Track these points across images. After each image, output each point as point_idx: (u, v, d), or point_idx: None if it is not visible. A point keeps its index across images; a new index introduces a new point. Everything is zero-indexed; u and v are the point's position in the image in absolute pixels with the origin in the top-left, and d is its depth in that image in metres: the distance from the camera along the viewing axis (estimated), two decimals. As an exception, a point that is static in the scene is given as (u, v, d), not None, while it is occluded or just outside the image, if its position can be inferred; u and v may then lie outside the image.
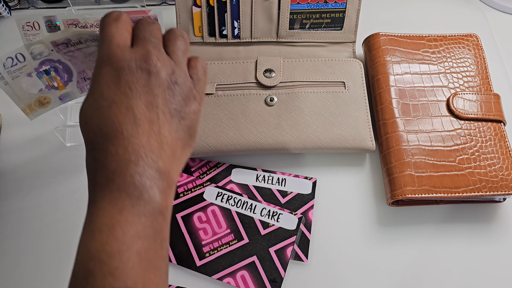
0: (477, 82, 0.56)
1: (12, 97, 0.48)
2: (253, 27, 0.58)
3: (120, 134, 0.29)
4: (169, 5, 0.67)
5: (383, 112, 0.54)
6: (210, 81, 0.55)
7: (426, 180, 0.50)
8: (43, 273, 0.49)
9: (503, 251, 0.51)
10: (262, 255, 0.49)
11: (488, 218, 0.53)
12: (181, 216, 0.51)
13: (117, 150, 0.29)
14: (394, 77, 0.56)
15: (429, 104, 0.54)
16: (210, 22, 0.58)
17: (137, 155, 0.29)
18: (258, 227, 0.50)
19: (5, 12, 0.64)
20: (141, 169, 0.29)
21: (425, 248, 0.51)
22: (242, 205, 0.52)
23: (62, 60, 0.48)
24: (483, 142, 0.52)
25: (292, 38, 0.59)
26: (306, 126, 0.53)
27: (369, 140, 0.54)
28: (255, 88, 0.55)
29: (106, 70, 0.32)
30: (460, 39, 0.59)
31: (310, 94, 0.55)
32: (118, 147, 0.29)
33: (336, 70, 0.56)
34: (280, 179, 0.54)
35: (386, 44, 0.58)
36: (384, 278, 0.49)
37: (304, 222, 0.51)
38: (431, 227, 0.52)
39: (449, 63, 0.57)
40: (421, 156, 0.51)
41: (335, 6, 0.58)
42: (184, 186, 0.53)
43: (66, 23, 0.54)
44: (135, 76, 0.31)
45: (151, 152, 0.30)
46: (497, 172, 0.50)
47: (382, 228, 0.52)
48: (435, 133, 0.53)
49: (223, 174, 0.54)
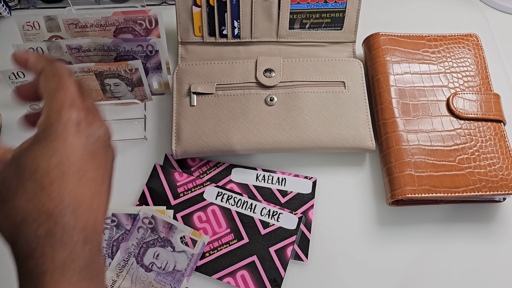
0: (477, 82, 0.56)
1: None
2: (253, 27, 0.58)
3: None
4: (169, 5, 0.67)
5: (383, 112, 0.54)
6: (210, 81, 0.55)
7: (426, 180, 0.50)
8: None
9: (503, 251, 0.51)
10: (262, 255, 0.49)
11: (488, 218, 0.53)
12: (181, 216, 0.51)
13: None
14: (394, 77, 0.56)
15: (429, 104, 0.54)
16: (210, 22, 0.58)
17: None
18: (258, 226, 0.50)
19: (5, 12, 0.64)
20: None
21: (425, 248, 0.51)
22: (242, 204, 0.52)
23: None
24: (483, 142, 0.52)
25: (292, 38, 0.59)
26: (306, 126, 0.53)
27: (369, 140, 0.54)
28: (255, 88, 0.55)
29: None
30: (460, 39, 0.59)
31: (310, 94, 0.55)
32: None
33: (336, 70, 0.56)
34: (280, 178, 0.54)
35: (386, 44, 0.58)
36: (384, 277, 0.49)
37: (304, 222, 0.51)
38: (431, 227, 0.52)
39: (449, 63, 0.57)
40: (421, 156, 0.51)
41: (335, 6, 0.58)
42: (184, 186, 0.53)
43: (66, 23, 0.54)
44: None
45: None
46: (497, 172, 0.50)
47: (382, 228, 0.52)
48: (435, 133, 0.53)
49: (223, 173, 0.54)
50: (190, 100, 0.54)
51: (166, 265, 0.47)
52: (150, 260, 0.47)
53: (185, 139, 0.53)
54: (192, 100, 0.54)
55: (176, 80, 0.56)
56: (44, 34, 0.55)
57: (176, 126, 0.54)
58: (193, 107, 0.54)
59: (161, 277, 0.47)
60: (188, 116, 0.54)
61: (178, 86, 0.55)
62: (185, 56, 0.60)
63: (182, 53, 0.60)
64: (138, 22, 0.55)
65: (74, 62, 0.55)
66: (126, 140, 0.56)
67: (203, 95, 0.54)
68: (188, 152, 0.53)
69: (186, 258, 0.48)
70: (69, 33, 0.55)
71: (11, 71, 0.50)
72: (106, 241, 0.49)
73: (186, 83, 0.55)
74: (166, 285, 0.47)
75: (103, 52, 0.54)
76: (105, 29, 0.55)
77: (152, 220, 0.49)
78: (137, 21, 0.55)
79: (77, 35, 0.55)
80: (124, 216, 0.50)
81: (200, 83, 0.55)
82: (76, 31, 0.55)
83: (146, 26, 0.55)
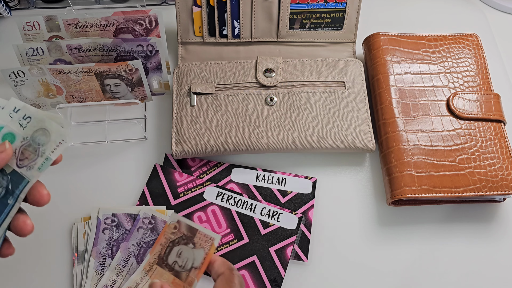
0: (477, 82, 0.56)
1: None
2: (253, 27, 0.58)
3: None
4: (169, 5, 0.67)
5: (383, 111, 0.54)
6: (210, 81, 0.55)
7: (426, 180, 0.50)
8: (44, 273, 0.49)
9: (503, 251, 0.51)
10: (262, 255, 0.49)
11: (488, 218, 0.53)
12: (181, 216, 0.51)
13: None
14: (394, 77, 0.56)
15: (429, 104, 0.54)
16: (210, 22, 0.58)
17: None
18: (258, 226, 0.50)
19: (5, 12, 0.64)
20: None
21: (425, 248, 0.51)
22: (242, 204, 0.52)
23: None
24: (483, 142, 0.52)
25: (292, 38, 0.59)
26: (306, 125, 0.53)
27: (369, 140, 0.54)
28: (255, 88, 0.55)
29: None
30: (460, 39, 0.59)
31: (310, 94, 0.55)
32: None
33: (336, 70, 0.56)
34: (280, 178, 0.54)
35: (386, 44, 0.58)
36: (384, 277, 0.49)
37: (304, 222, 0.51)
38: (431, 227, 0.52)
39: (449, 63, 0.57)
40: (421, 156, 0.51)
41: (335, 6, 0.58)
42: (184, 186, 0.53)
43: (66, 23, 0.54)
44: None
45: None
46: (497, 172, 0.50)
47: (382, 228, 0.52)
48: (435, 133, 0.53)
49: (223, 173, 0.54)
50: (190, 100, 0.54)
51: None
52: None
53: (185, 139, 0.53)
54: (192, 100, 0.54)
55: (176, 80, 0.56)
56: (44, 34, 0.55)
57: (176, 126, 0.54)
58: (193, 107, 0.54)
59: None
60: (188, 116, 0.54)
61: (178, 86, 0.55)
62: (185, 56, 0.60)
63: (182, 53, 0.60)
64: (138, 22, 0.55)
65: (74, 62, 0.55)
66: (126, 140, 0.56)
67: (203, 95, 0.54)
68: (188, 152, 0.53)
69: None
70: (69, 33, 0.55)
71: (11, 70, 0.50)
72: (106, 241, 0.49)
73: (186, 83, 0.55)
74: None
75: (103, 52, 0.54)
76: (105, 29, 0.55)
77: (152, 220, 0.49)
78: (137, 21, 0.55)
79: (77, 35, 0.55)
80: (124, 216, 0.50)
81: (200, 83, 0.55)
82: (76, 31, 0.55)
83: (146, 26, 0.55)
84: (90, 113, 0.58)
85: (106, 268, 0.48)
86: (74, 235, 0.49)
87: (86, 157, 0.55)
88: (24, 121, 0.35)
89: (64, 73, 0.51)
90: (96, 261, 0.48)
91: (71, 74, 0.52)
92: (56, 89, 0.54)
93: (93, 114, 0.58)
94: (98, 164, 0.55)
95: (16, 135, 0.35)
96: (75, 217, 0.50)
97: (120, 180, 0.54)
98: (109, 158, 0.55)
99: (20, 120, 0.35)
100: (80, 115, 0.58)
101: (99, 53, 0.54)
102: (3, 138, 0.35)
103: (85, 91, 0.54)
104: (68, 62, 0.54)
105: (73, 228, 0.50)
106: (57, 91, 0.54)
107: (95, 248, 0.48)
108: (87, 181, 0.54)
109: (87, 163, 0.55)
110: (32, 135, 0.35)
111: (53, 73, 0.51)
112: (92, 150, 0.56)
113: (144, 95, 0.56)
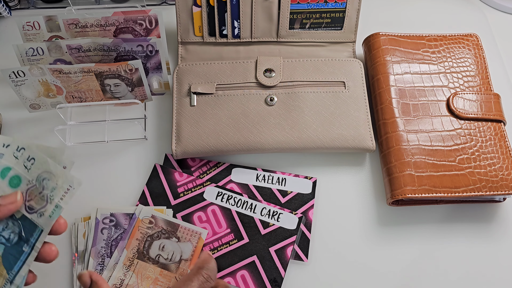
0: (477, 82, 0.56)
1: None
2: (253, 27, 0.58)
3: None
4: (169, 5, 0.67)
5: (383, 111, 0.54)
6: (210, 81, 0.55)
7: (426, 180, 0.50)
8: (44, 273, 0.49)
9: (503, 251, 0.51)
10: (262, 255, 0.49)
11: (488, 218, 0.53)
12: (181, 216, 0.51)
13: None
14: (394, 77, 0.56)
15: (429, 104, 0.54)
16: (210, 22, 0.58)
17: None
18: (258, 226, 0.50)
19: (5, 12, 0.64)
20: None
21: (425, 248, 0.51)
22: (242, 204, 0.52)
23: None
24: (483, 142, 0.52)
25: (292, 38, 0.59)
26: (306, 126, 0.53)
27: (369, 140, 0.54)
28: (255, 88, 0.55)
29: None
30: (460, 39, 0.59)
31: (310, 94, 0.55)
32: None
33: (336, 70, 0.56)
34: (280, 178, 0.54)
35: (386, 44, 0.58)
36: (384, 277, 0.49)
37: (304, 222, 0.51)
38: (431, 227, 0.52)
39: (449, 63, 0.57)
40: (421, 156, 0.51)
41: (335, 6, 0.58)
42: (184, 186, 0.53)
43: (66, 23, 0.54)
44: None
45: None
46: (497, 172, 0.50)
47: (382, 228, 0.52)
48: (435, 133, 0.53)
49: (223, 173, 0.54)
50: (190, 100, 0.54)
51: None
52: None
53: (185, 139, 0.53)
54: (192, 100, 0.54)
55: (176, 80, 0.56)
56: (44, 34, 0.55)
57: (176, 126, 0.54)
58: (193, 107, 0.54)
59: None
60: (188, 116, 0.54)
61: (178, 86, 0.55)
62: (185, 56, 0.60)
63: (182, 53, 0.60)
64: (138, 22, 0.55)
65: (74, 62, 0.55)
66: (126, 140, 0.56)
67: (203, 95, 0.54)
68: (188, 152, 0.53)
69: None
70: (69, 33, 0.55)
71: (11, 70, 0.50)
72: (105, 241, 0.49)
73: (186, 83, 0.55)
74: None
75: (103, 52, 0.54)
76: (105, 29, 0.55)
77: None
78: (137, 21, 0.55)
79: (77, 35, 0.55)
80: (123, 216, 0.50)
81: (200, 83, 0.55)
82: (76, 31, 0.55)
83: (146, 26, 0.55)
84: (90, 113, 0.58)
85: (105, 268, 0.47)
86: (74, 235, 0.49)
87: (86, 157, 0.55)
88: (28, 163, 0.35)
89: (64, 73, 0.51)
90: (95, 261, 0.48)
91: (71, 74, 0.52)
92: (56, 89, 0.54)
93: (93, 114, 0.58)
94: (98, 164, 0.55)
95: (22, 178, 0.35)
96: (75, 217, 0.50)
97: (120, 180, 0.54)
98: (109, 158, 0.55)
99: (24, 162, 0.35)
100: (80, 115, 0.58)
101: (99, 53, 0.54)
102: (10, 181, 0.35)
103: (85, 91, 0.54)
104: (68, 62, 0.54)
105: (73, 228, 0.50)
106: (57, 91, 0.54)
107: (94, 248, 0.48)
108: (87, 181, 0.54)
109: (87, 163, 0.55)
110: (37, 178, 0.35)
111: (53, 73, 0.51)
112: (92, 150, 0.56)
113: (144, 95, 0.56)
